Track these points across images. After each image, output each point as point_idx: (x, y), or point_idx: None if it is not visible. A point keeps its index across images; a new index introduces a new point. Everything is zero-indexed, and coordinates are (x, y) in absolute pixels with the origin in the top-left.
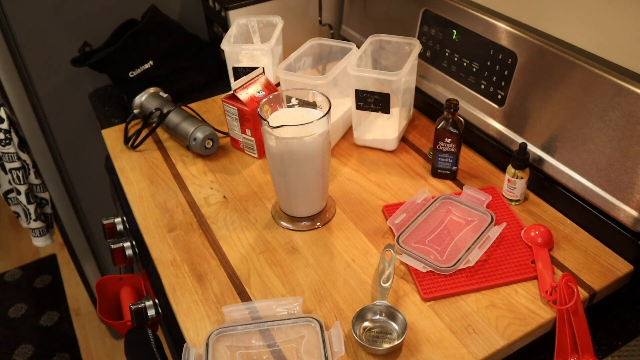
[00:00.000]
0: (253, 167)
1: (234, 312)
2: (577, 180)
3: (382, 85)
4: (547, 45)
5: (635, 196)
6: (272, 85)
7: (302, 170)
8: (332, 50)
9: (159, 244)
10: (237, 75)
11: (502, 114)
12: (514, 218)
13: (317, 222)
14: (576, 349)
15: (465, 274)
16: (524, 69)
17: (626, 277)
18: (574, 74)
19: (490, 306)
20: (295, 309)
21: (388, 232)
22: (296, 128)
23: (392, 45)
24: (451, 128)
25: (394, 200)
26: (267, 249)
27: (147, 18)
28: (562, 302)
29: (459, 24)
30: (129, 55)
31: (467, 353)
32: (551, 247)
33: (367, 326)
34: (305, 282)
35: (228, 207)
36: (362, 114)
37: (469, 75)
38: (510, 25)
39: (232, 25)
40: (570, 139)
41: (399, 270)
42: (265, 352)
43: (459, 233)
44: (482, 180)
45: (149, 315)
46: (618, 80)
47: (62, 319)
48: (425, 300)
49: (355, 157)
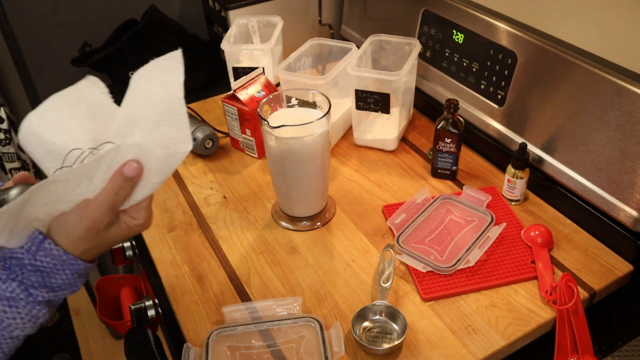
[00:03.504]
0: (253, 167)
1: (234, 312)
2: (577, 180)
3: (382, 85)
4: (547, 45)
5: (635, 196)
6: (272, 85)
7: (302, 170)
8: (332, 50)
9: (158, 244)
10: (237, 75)
11: (502, 114)
12: (514, 218)
13: (317, 222)
14: (576, 349)
15: (465, 274)
16: (524, 69)
17: (626, 277)
18: (574, 74)
19: (490, 306)
20: (295, 309)
21: (388, 232)
22: (296, 128)
23: (392, 45)
24: (451, 128)
25: (394, 200)
26: (267, 249)
27: (147, 18)
28: (562, 302)
29: (459, 24)
30: (129, 55)
31: (467, 353)
32: (551, 247)
33: (367, 326)
34: (305, 282)
35: (228, 207)
36: (362, 114)
37: (469, 75)
38: (510, 25)
39: (232, 25)
40: (570, 139)
41: (399, 270)
42: (265, 352)
43: (459, 233)
44: (482, 180)
45: (148, 315)
46: (618, 80)
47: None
48: (425, 300)
49: (355, 157)
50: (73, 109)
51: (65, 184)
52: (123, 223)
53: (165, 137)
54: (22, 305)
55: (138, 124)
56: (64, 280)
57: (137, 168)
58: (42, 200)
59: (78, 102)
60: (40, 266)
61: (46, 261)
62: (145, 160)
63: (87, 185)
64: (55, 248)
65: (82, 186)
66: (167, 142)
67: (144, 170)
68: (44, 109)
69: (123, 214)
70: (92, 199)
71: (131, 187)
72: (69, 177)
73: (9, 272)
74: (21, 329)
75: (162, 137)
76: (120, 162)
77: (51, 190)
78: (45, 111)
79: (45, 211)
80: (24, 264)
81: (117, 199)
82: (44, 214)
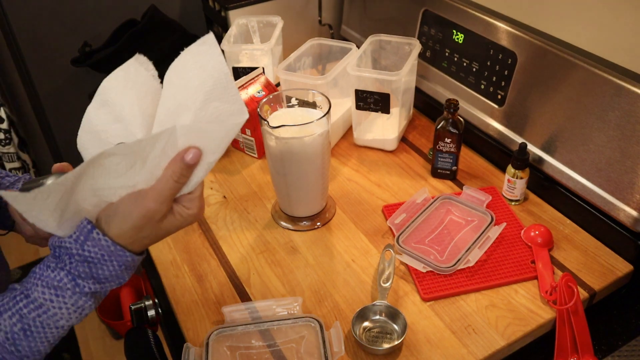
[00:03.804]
0: (253, 167)
1: (234, 312)
2: (577, 180)
3: (382, 85)
4: (547, 45)
5: (635, 196)
6: (272, 85)
7: (302, 170)
8: (332, 50)
9: (158, 244)
10: (237, 75)
11: (502, 114)
12: (513, 218)
13: (317, 222)
14: (576, 349)
15: (465, 274)
16: (524, 69)
17: (626, 277)
18: (574, 74)
19: (490, 306)
20: (295, 309)
21: (388, 232)
22: (296, 128)
23: (392, 45)
24: (451, 128)
25: (394, 200)
26: (267, 249)
27: (147, 18)
28: (562, 302)
29: (458, 24)
30: (129, 55)
31: (467, 353)
32: (551, 247)
33: (367, 326)
34: (305, 282)
35: (228, 207)
36: (362, 114)
37: (469, 75)
38: (510, 25)
39: (232, 25)
40: (570, 139)
41: (399, 270)
42: (265, 352)
43: (458, 233)
44: (482, 180)
45: (149, 315)
46: (618, 80)
47: None
48: (425, 300)
49: (355, 157)
50: (124, 96)
51: (119, 161)
52: (177, 214)
53: (218, 112)
54: (68, 296)
55: (186, 107)
56: (110, 272)
57: (197, 153)
58: (92, 184)
59: (128, 86)
60: (88, 257)
61: (94, 252)
62: (201, 139)
63: (139, 168)
64: (104, 238)
65: (135, 168)
66: (221, 115)
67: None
68: (99, 102)
69: (176, 204)
70: (148, 188)
71: (190, 173)
72: (125, 151)
73: (58, 261)
74: (66, 319)
75: (214, 112)
76: (174, 145)
77: (104, 168)
78: (99, 103)
79: (93, 202)
80: (72, 253)
81: (177, 186)
82: (91, 205)
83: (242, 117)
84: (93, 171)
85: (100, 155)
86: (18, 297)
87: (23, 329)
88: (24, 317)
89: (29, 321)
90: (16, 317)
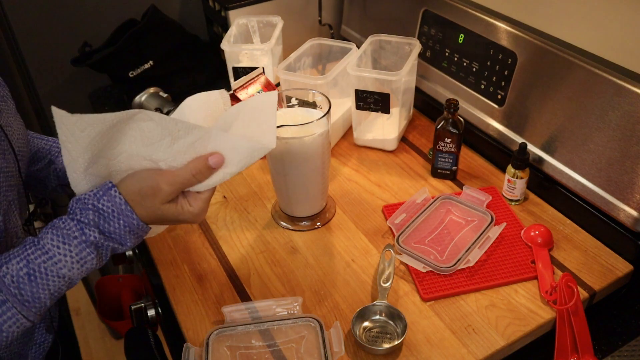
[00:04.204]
0: (253, 167)
1: (234, 312)
2: (577, 180)
3: (382, 85)
4: (547, 45)
5: (635, 196)
6: (272, 85)
7: (302, 170)
8: (332, 50)
9: (159, 244)
10: (237, 75)
11: (502, 114)
12: (514, 218)
13: (317, 222)
14: (576, 349)
15: (465, 274)
16: (524, 69)
17: (626, 277)
18: (574, 74)
19: (490, 306)
20: (295, 309)
21: (388, 232)
22: (296, 128)
23: (392, 45)
24: (451, 128)
25: (394, 200)
26: (267, 249)
27: (147, 18)
28: (562, 302)
29: (458, 23)
30: (129, 55)
31: (467, 353)
32: (551, 247)
33: (367, 326)
34: (305, 282)
35: (228, 207)
36: (362, 114)
37: (469, 75)
38: (510, 25)
39: (232, 25)
40: (570, 139)
41: (399, 270)
42: (265, 352)
43: (459, 233)
44: (482, 180)
45: (148, 315)
46: (618, 80)
47: None
48: (425, 300)
49: (355, 157)
50: (197, 112)
51: (153, 127)
52: (179, 205)
53: (252, 133)
54: (74, 244)
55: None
56: (115, 229)
57: (221, 160)
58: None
59: (203, 107)
60: (101, 208)
61: (107, 206)
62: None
63: (166, 145)
64: (119, 196)
65: (162, 143)
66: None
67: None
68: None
69: (182, 197)
70: (167, 170)
71: (209, 175)
72: (160, 121)
73: (70, 213)
74: (69, 268)
75: (249, 132)
76: (205, 144)
77: (139, 129)
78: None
79: (120, 168)
80: (87, 204)
81: (192, 181)
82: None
83: (269, 146)
84: (128, 128)
85: (139, 113)
86: (28, 245)
87: (28, 273)
88: (31, 262)
89: (34, 266)
90: (23, 262)
